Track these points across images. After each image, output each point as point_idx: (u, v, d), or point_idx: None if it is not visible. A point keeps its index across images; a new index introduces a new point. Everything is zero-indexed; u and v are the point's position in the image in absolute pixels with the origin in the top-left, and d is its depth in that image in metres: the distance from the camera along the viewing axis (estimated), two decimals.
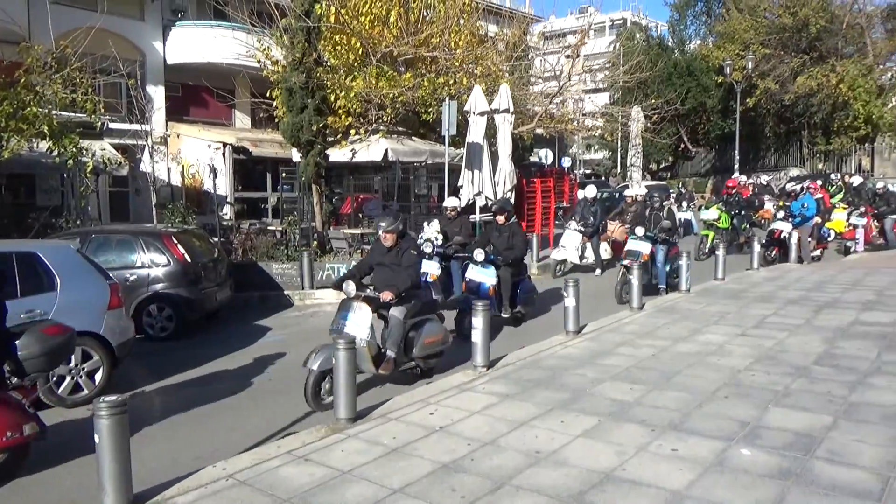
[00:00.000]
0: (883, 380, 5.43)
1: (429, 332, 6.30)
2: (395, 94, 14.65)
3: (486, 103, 13.38)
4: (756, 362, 6.09)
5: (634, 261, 9.69)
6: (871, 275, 11.01)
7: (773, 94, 28.62)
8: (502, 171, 13.76)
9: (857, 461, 3.93)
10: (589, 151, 48.52)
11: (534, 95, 20.11)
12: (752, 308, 8.62)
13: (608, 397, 5.26)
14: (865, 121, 27.08)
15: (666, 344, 6.89)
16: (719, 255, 11.16)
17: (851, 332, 7.14)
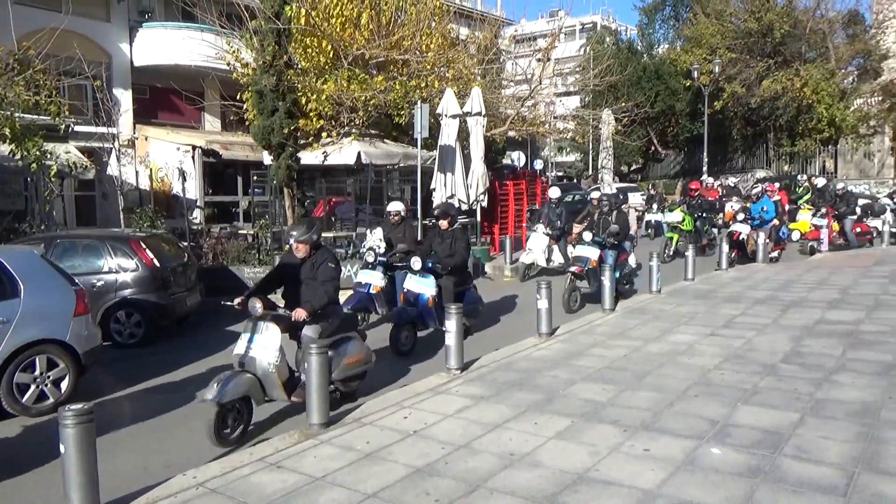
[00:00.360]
0: (847, 377, 5.56)
1: (349, 352, 5.71)
2: (367, 97, 14.59)
3: (458, 106, 13.41)
4: (725, 361, 6.19)
5: (582, 267, 9.61)
6: (835, 274, 11.28)
7: (740, 97, 29.15)
8: (475, 174, 13.79)
9: (823, 457, 4.01)
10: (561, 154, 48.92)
11: (506, 98, 20.21)
12: (722, 308, 8.76)
13: (581, 398, 5.30)
14: (829, 123, 27.70)
15: (637, 344, 6.96)
16: (689, 255, 11.33)
17: (817, 330, 7.29)
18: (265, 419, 5.58)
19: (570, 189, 32.58)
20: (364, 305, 8.59)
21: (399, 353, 7.43)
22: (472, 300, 8.26)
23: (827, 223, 14.59)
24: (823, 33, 28.64)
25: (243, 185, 20.46)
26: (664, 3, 38.69)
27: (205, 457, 4.66)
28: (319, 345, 4.94)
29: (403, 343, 7.55)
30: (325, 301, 5.48)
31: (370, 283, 8.56)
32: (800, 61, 28.64)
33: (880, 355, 6.16)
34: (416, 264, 7.78)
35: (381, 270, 8.57)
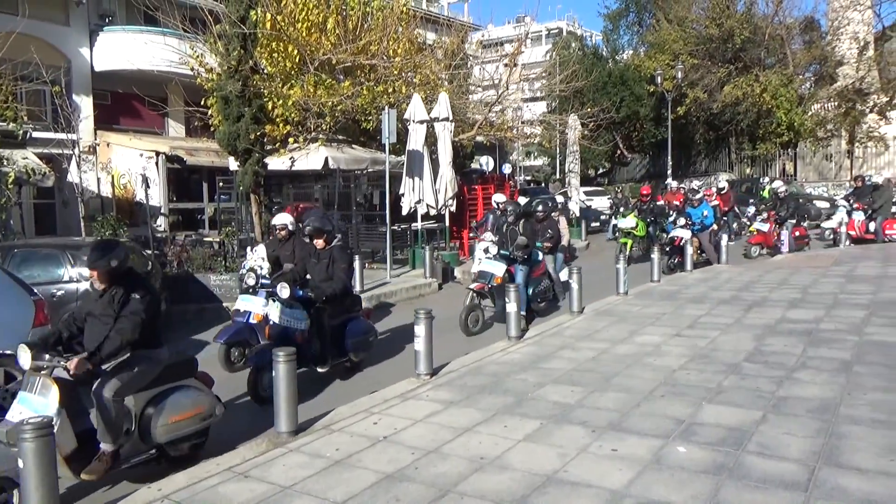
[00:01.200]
0: (808, 374, 5.70)
1: (176, 407, 4.62)
2: (334, 103, 14.54)
3: (425, 112, 13.45)
4: (690, 361, 6.30)
5: (486, 284, 8.76)
6: (795, 274, 11.56)
7: (702, 102, 29.74)
8: (443, 179, 13.84)
9: (785, 453, 4.11)
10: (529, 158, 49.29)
11: (473, 104, 20.30)
12: (687, 309, 8.91)
13: (550, 400, 5.34)
14: (788, 127, 28.40)
15: (605, 346, 7.05)
16: (654, 258, 11.51)
17: (779, 329, 7.47)
18: (231, 429, 5.50)
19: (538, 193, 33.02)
20: (243, 338, 7.36)
21: (259, 402, 6.09)
22: (359, 331, 7.09)
23: (769, 228, 14.57)
24: (782, 39, 29.39)
25: (209, 192, 20.19)
26: (628, 9, 39.33)
27: (169, 469, 4.57)
28: (286, 353, 4.87)
29: (265, 388, 6.03)
30: (117, 344, 4.30)
31: (250, 310, 7.29)
32: (759, 67, 29.36)
33: (838, 353, 6.33)
34: (284, 292, 6.53)
35: (263, 296, 7.21)
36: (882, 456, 4.00)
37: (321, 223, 7.10)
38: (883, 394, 5.09)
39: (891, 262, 12.22)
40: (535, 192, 33.87)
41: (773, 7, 29.49)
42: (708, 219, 13.72)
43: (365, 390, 6.23)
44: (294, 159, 14.53)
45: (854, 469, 3.84)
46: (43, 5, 18.17)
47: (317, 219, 7.17)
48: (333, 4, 15.48)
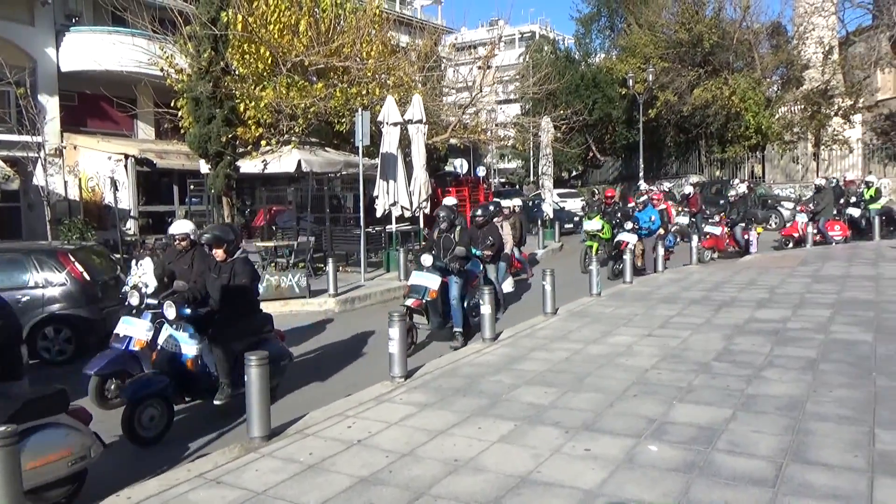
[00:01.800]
0: (775, 373, 5.81)
1: (38, 449, 3.92)
2: (307, 105, 14.46)
3: (399, 114, 13.43)
4: (662, 361, 6.38)
5: (419, 299, 7.98)
6: (763, 274, 11.78)
7: (673, 105, 30.18)
8: (417, 181, 13.84)
9: (754, 451, 4.18)
10: (503, 161, 49.55)
11: (447, 106, 20.37)
12: (658, 309, 9.03)
13: (524, 401, 5.37)
14: (756, 130, 28.96)
15: (578, 347, 7.10)
16: (626, 259, 11.63)
17: (747, 329, 7.60)
18: (204, 433, 5.44)
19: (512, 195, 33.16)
20: (120, 368, 6.22)
21: (139, 443, 5.33)
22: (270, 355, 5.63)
23: (721, 231, 14.42)
24: (749, 44, 29.97)
25: (179, 195, 19.92)
26: (600, 13, 39.81)
27: (139, 475, 4.50)
28: (258, 357, 4.82)
29: (146, 427, 5.37)
30: None
31: (131, 335, 6.21)
32: (728, 71, 29.90)
33: (805, 351, 6.46)
34: (170, 311, 5.75)
35: (149, 318, 6.22)
36: (847, 451, 4.09)
37: (221, 231, 6.15)
38: (847, 390, 5.21)
39: (855, 262, 12.53)
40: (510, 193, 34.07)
41: (741, 12, 30.06)
42: (655, 223, 13.20)
43: (339, 394, 6.20)
44: (266, 162, 14.41)
45: (821, 465, 3.93)
46: (7, 5, 17.78)
47: (217, 226, 6.36)
48: (306, 6, 15.41)
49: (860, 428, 4.45)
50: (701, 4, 31.20)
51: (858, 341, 6.74)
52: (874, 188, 17.17)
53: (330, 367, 7.58)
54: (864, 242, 15.82)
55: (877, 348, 6.43)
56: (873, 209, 16.81)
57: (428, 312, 8.08)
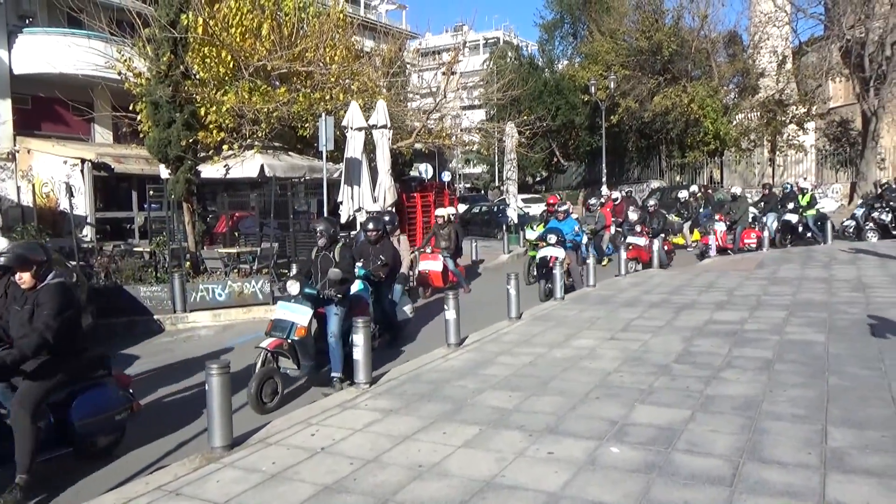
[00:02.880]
0: (733, 373, 5.96)
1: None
2: (270, 109, 14.32)
3: (363, 119, 13.37)
4: (624, 364, 6.48)
5: (283, 338, 6.30)
6: (722, 277, 12.06)
7: (634, 111, 30.75)
8: (382, 186, 13.78)
9: (712, 450, 4.28)
10: (468, 166, 49.79)
11: (411, 111, 20.36)
12: (620, 312, 9.17)
13: (489, 406, 5.40)
14: (714, 136, 29.68)
15: (543, 351, 7.17)
16: (589, 262, 11.79)
17: (706, 330, 7.78)
18: (163, 444, 5.33)
19: (478, 200, 33.32)
20: None
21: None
22: (94, 406, 4.93)
23: (645, 242, 14.02)
24: (707, 53, 30.70)
25: (138, 201, 19.50)
26: (563, 20, 40.33)
27: (96, 490, 4.39)
28: (219, 366, 4.76)
29: None
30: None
31: None
32: (687, 79, 30.59)
33: (761, 352, 6.64)
34: None
35: None
36: (800, 449, 4.22)
37: (27, 250, 4.74)
38: (801, 390, 5.37)
39: (809, 265, 12.91)
40: (475, 199, 34.29)
41: (699, 22, 30.78)
42: (579, 235, 12.32)
43: (303, 401, 6.15)
44: (229, 167, 14.22)
45: (775, 463, 4.04)
46: None
47: (22, 244, 5.10)
48: (268, 10, 15.26)
49: (813, 426, 4.59)
50: (660, 13, 31.88)
51: (812, 342, 6.95)
52: (809, 195, 17.47)
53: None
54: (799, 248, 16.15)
55: (829, 348, 6.64)
56: (809, 215, 17.13)
57: (297, 354, 6.40)
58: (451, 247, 12.66)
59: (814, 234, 16.92)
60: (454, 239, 12.76)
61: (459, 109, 27.15)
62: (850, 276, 11.20)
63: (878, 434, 4.39)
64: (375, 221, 8.69)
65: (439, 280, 12.41)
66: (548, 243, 11.64)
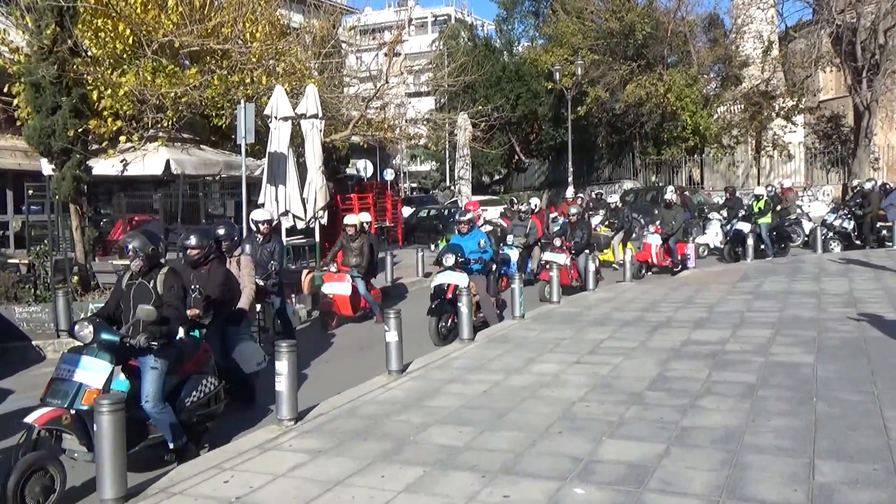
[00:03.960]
0: (712, 401, 6.13)
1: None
2: (178, 94, 14.09)
3: (290, 107, 13.33)
4: (591, 391, 6.59)
5: (63, 407, 5.07)
6: (702, 291, 12.41)
7: (604, 102, 31.43)
8: (312, 186, 13.73)
9: (687, 488, 4.39)
10: (414, 163, 49.94)
11: (348, 98, 20.36)
12: (588, 332, 9.33)
13: (435, 443, 5.41)
14: (693, 131, 30.57)
15: (498, 378, 7.23)
16: (553, 276, 11.96)
17: (684, 352, 7.98)
18: None
19: (425, 202, 33.47)
20: None
21: None
22: None
23: (566, 260, 13.36)
24: (685, 37, 31.64)
25: (14, 202, 18.84)
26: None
27: None
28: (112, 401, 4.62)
29: None
30: None
31: None
32: (662, 66, 31.43)
33: (744, 376, 6.85)
34: None
35: None
36: (785, 485, 4.36)
37: None
38: (786, 419, 5.56)
39: (797, 278, 13.41)
40: (423, 201, 34.41)
41: (675, 2, 31.72)
42: (487, 252, 10.78)
43: (216, 442, 6.03)
44: (127, 162, 13.92)
45: (758, 501, 4.17)
46: None
47: None
48: None
49: (799, 459, 4.75)
50: None
51: (799, 364, 7.20)
52: (763, 201, 17.29)
53: None
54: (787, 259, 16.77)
55: (818, 371, 6.90)
56: (763, 224, 17.10)
57: (87, 429, 5.06)
58: (363, 264, 11.55)
59: (766, 247, 16.98)
60: (367, 254, 11.64)
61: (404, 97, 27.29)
62: (841, 290, 11.67)
63: (870, 467, 4.57)
64: (199, 236, 7.16)
65: (347, 307, 11.41)
66: (444, 266, 10.16)
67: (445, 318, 9.88)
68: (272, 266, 9.32)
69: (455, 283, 9.84)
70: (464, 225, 10.98)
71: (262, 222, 9.71)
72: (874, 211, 17.77)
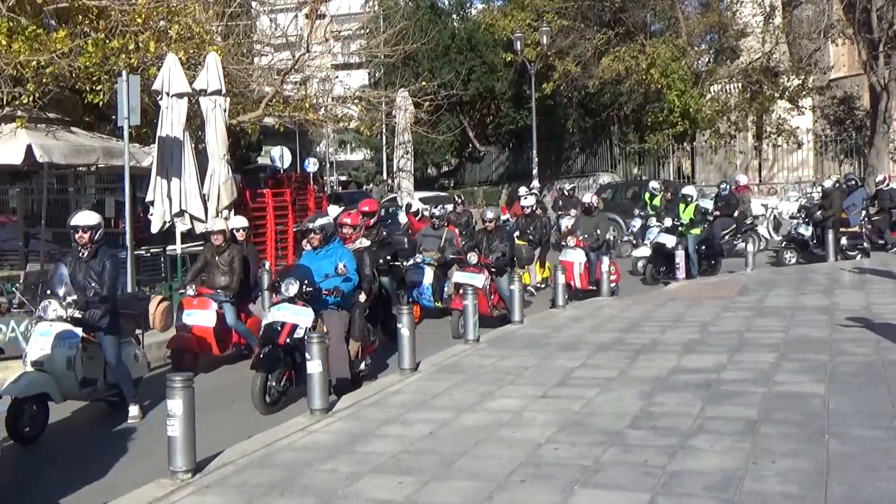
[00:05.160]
0: (706, 440, 6.23)
1: None
2: (42, 63, 13.83)
3: (186, 81, 13.18)
4: (561, 431, 6.64)
5: None
6: (693, 307, 12.65)
7: (575, 78, 31.72)
8: (215, 179, 13.62)
9: None
10: (344, 151, 49.79)
11: (260, 70, 20.21)
12: (557, 359, 9.41)
13: (369, 498, 5.38)
14: (682, 115, 31.12)
15: (447, 416, 7.23)
16: (514, 290, 12.04)
17: (672, 382, 8.10)
18: None
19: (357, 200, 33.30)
20: None
21: None
22: None
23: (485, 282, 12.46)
24: (672, 0, 32.21)
25: None
26: None
27: None
28: None
29: None
30: None
31: None
32: (644, 35, 31.93)
33: (743, 410, 6.99)
34: None
35: None
36: None
37: None
38: (794, 459, 5.69)
39: (805, 290, 13.78)
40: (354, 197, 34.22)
41: None
42: (351, 280, 9.07)
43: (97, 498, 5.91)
44: None
45: None
46: None
47: None
48: None
49: None
50: None
51: (808, 394, 7.39)
52: (692, 206, 16.54)
53: (81, 458, 7.19)
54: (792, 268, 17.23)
55: (829, 402, 7.08)
56: (691, 236, 16.38)
57: None
58: (234, 285, 10.73)
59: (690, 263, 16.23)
60: (239, 271, 10.81)
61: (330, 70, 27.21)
62: (857, 305, 12.01)
63: None
64: None
65: (211, 343, 10.59)
66: (282, 297, 8.78)
67: (278, 374, 8.55)
68: (94, 291, 8.25)
69: (293, 322, 8.51)
70: (316, 237, 9.28)
71: (84, 228, 8.31)
72: (836, 214, 17.49)
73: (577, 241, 15.07)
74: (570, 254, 15.04)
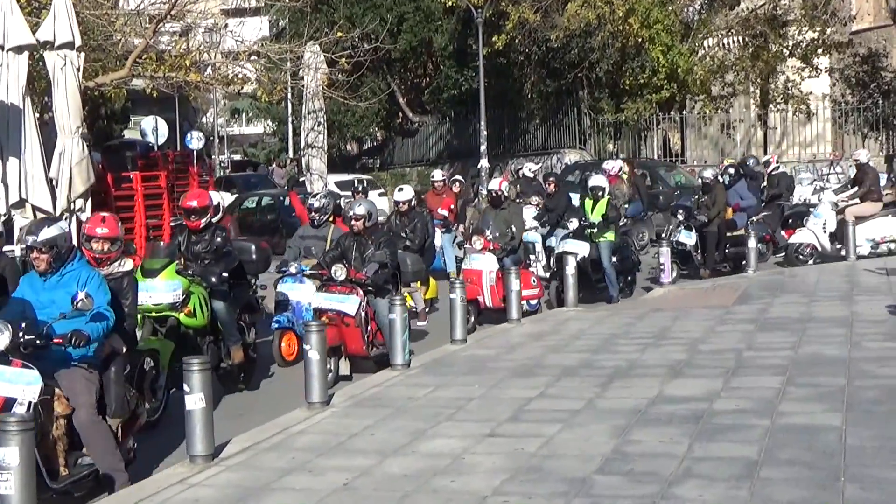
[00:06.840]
0: (694, 487, 6.29)
1: None
2: None
3: (28, 30, 12.96)
4: (512, 479, 6.65)
5: None
6: (681, 319, 12.79)
7: (533, 30, 31.68)
8: (66, 159, 13.41)
9: None
10: (238, 122, 49.38)
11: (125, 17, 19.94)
12: (508, 387, 9.44)
13: None
14: (669, 76, 31.25)
15: (367, 463, 7.20)
16: (456, 298, 12.03)
17: (652, 415, 8.17)
18: None
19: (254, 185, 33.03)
20: None
21: None
22: None
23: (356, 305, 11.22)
24: None
25: None
26: None
27: None
28: None
29: None
30: None
31: None
32: None
33: (740, 447, 7.07)
34: None
35: None
36: None
37: None
38: None
39: (818, 297, 14.01)
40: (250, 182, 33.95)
41: None
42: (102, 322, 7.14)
43: None
44: None
45: None
46: None
47: None
48: None
49: None
50: None
51: (820, 427, 7.51)
52: (604, 201, 15.77)
53: None
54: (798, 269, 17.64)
55: (846, 437, 7.21)
56: (603, 242, 15.46)
57: None
58: None
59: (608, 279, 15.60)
60: None
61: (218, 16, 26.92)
62: (881, 316, 12.26)
63: None
64: None
65: None
66: None
67: None
68: None
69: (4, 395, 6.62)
70: (42, 258, 7.30)
71: None
72: (720, 213, 17.49)
73: (485, 242, 14.17)
74: (478, 260, 14.11)
